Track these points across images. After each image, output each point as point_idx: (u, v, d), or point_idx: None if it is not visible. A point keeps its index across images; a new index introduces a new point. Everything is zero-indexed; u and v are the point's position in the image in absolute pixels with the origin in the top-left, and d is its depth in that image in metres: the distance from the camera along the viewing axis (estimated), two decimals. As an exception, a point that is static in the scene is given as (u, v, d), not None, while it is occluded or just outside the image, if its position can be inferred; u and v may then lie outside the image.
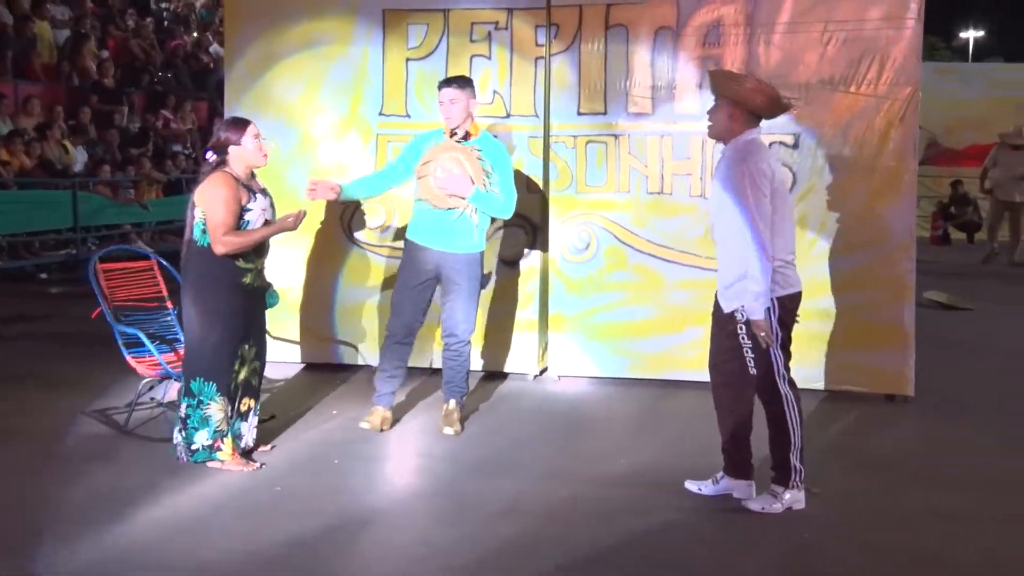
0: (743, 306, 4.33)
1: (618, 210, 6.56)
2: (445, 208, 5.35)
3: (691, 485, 4.70)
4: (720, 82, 4.50)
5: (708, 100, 6.19)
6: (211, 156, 4.82)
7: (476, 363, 6.71)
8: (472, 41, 6.67)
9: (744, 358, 4.44)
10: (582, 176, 6.60)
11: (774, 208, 4.31)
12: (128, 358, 5.53)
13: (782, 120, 6.14)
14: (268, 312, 5.17)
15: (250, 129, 4.82)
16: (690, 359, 6.44)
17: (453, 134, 5.44)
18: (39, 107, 12.88)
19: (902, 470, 5.12)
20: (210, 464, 4.85)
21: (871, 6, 6.09)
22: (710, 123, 4.52)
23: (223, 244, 4.68)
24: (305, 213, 4.94)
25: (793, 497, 4.49)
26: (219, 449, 4.84)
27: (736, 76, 4.45)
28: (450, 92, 5.41)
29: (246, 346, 4.91)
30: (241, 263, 4.77)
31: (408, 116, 6.68)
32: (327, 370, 6.86)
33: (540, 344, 6.78)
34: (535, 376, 6.78)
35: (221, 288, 4.76)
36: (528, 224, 6.66)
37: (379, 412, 5.53)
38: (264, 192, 4.92)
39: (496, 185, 5.41)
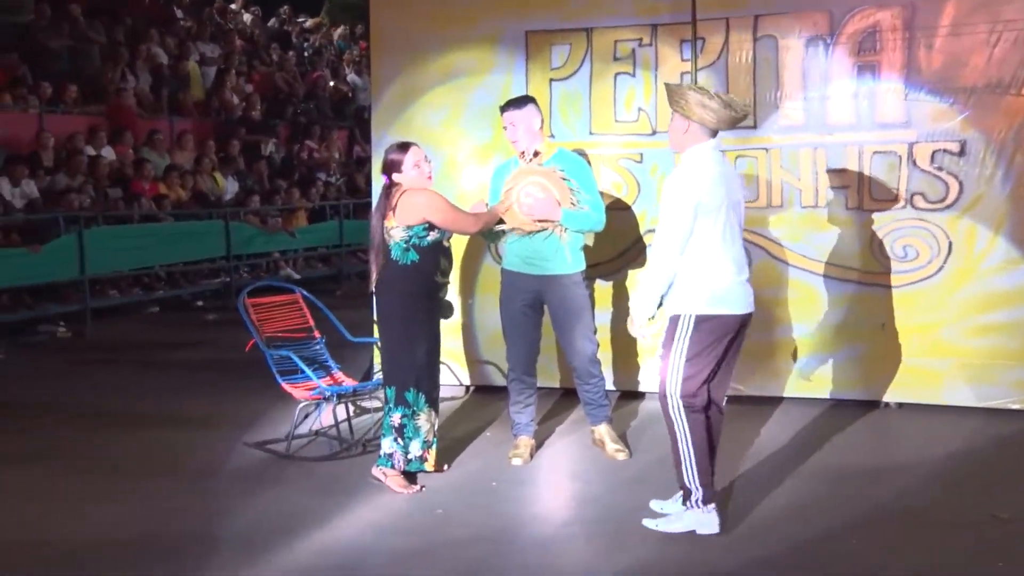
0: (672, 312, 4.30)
1: (770, 226, 6.37)
2: (535, 231, 5.22)
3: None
4: (670, 96, 4.36)
5: (864, 109, 6.15)
6: (386, 179, 5.00)
7: (627, 383, 6.65)
8: (616, 59, 6.61)
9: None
10: (732, 191, 6.43)
11: (711, 224, 4.18)
12: (283, 384, 5.66)
13: (947, 126, 5.93)
14: None
15: (410, 155, 4.97)
16: (852, 378, 6.24)
17: (524, 156, 5.31)
18: (192, 142, 13.43)
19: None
20: (375, 473, 4.96)
21: (1042, 4, 5.77)
22: (669, 135, 4.49)
23: (475, 224, 5.08)
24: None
25: (696, 519, 4.28)
26: (426, 460, 4.98)
27: (681, 90, 4.29)
28: (509, 115, 5.30)
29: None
30: (440, 278, 5.02)
31: (552, 136, 6.64)
32: (479, 392, 6.89)
33: (692, 364, 6.62)
34: (687, 397, 6.62)
35: (425, 303, 4.98)
36: (677, 242, 6.52)
37: (524, 442, 5.47)
38: None
39: (583, 201, 5.24)
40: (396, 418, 4.95)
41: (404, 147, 5.01)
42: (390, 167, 4.97)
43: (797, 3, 6.24)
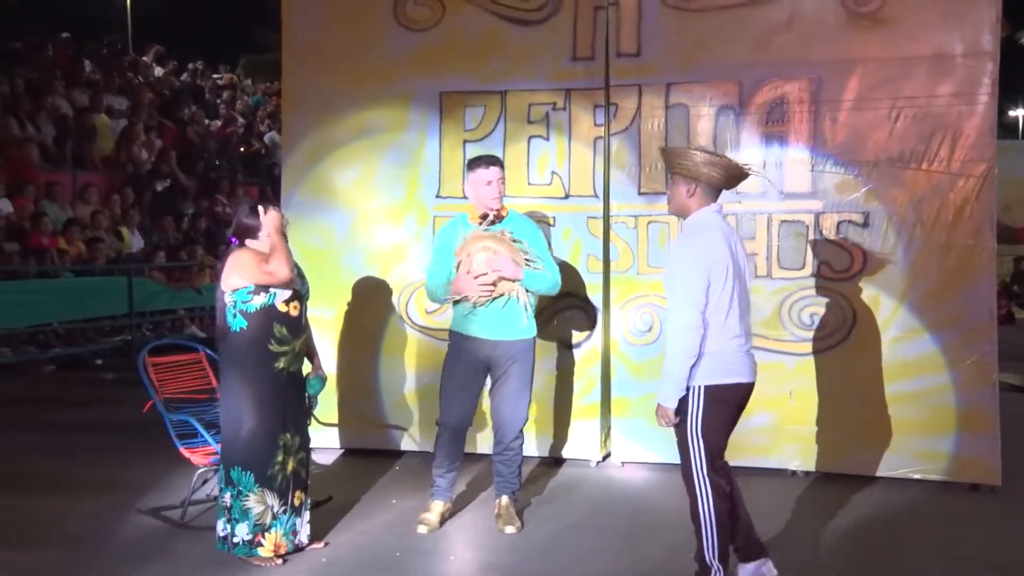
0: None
1: (681, 291, 6.38)
2: (490, 300, 5.06)
3: None
4: (671, 159, 4.32)
5: (772, 178, 6.23)
6: (235, 240, 4.80)
7: (536, 449, 6.55)
8: (530, 122, 6.61)
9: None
10: (644, 257, 6.45)
11: (719, 290, 4.09)
12: (181, 449, 5.43)
13: (852, 198, 6.05)
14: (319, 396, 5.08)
15: (269, 217, 4.77)
16: (759, 444, 6.22)
17: (485, 217, 5.18)
18: (96, 195, 13.05)
19: (1004, 568, 4.78)
20: (251, 560, 4.67)
21: (941, 82, 5.93)
22: (668, 201, 4.39)
23: (272, 271, 4.59)
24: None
25: None
26: (260, 544, 4.65)
27: (686, 152, 4.30)
28: (498, 171, 5.18)
29: (288, 435, 4.75)
30: (274, 346, 4.67)
31: (466, 197, 6.55)
32: (374, 456, 6.68)
33: (602, 429, 6.57)
34: (597, 462, 6.56)
35: (255, 373, 4.67)
36: (589, 306, 6.50)
37: (438, 507, 5.28)
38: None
39: (537, 262, 5.12)
40: (227, 498, 4.69)
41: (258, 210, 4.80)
42: (248, 229, 4.73)
43: (708, 73, 6.32)
